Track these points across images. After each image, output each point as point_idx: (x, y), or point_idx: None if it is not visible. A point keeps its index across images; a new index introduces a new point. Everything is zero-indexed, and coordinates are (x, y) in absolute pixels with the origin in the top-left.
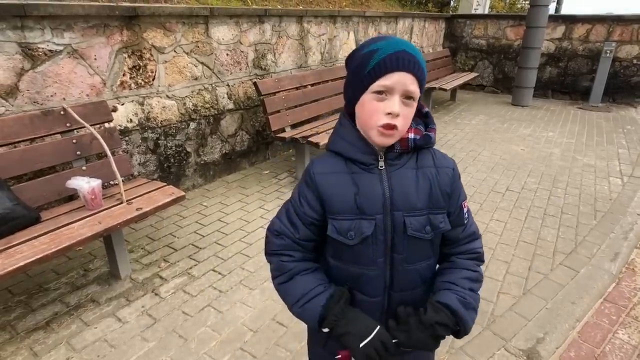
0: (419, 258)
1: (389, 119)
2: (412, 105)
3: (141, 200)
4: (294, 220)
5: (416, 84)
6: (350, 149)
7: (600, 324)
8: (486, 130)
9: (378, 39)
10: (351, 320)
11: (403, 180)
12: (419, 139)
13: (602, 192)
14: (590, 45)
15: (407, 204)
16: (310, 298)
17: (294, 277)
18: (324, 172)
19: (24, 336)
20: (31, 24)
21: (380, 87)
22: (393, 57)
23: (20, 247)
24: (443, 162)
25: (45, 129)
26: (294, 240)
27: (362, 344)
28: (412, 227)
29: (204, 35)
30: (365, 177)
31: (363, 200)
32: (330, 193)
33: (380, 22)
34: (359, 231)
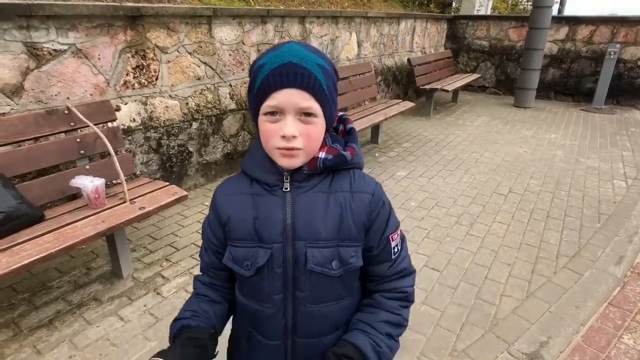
0: (325, 298)
1: (285, 142)
2: (315, 122)
3: (144, 199)
4: (206, 247)
5: (311, 99)
6: (255, 168)
7: (605, 329)
8: (488, 131)
9: (270, 50)
10: (172, 348)
11: (309, 206)
12: (330, 159)
13: (606, 194)
14: (594, 46)
15: (311, 233)
16: (177, 318)
17: (190, 297)
18: (226, 193)
19: (27, 334)
20: (36, 23)
21: (269, 108)
22: (276, 72)
23: (25, 245)
24: (361, 187)
25: (49, 127)
26: (205, 264)
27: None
28: (314, 261)
29: (207, 36)
30: (266, 200)
31: (261, 225)
32: (228, 216)
33: (382, 23)
34: (254, 260)
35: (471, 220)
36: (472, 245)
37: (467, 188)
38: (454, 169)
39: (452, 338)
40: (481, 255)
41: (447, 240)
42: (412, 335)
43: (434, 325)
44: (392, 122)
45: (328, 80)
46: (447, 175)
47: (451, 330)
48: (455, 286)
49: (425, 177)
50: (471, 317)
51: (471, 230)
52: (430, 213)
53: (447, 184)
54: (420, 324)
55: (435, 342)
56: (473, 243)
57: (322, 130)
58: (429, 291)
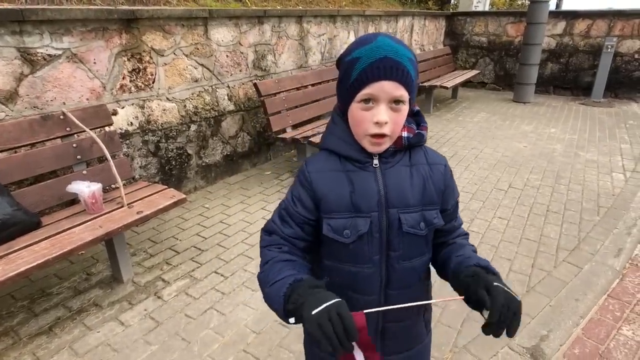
0: (414, 255)
1: (377, 129)
2: (402, 109)
3: (142, 203)
4: (285, 219)
5: (402, 88)
6: (345, 146)
7: (605, 321)
8: (488, 127)
9: (362, 43)
10: (316, 294)
11: (397, 178)
12: (412, 137)
13: (605, 187)
14: (591, 40)
15: (402, 201)
16: (281, 277)
17: (275, 263)
18: (319, 170)
19: (26, 341)
20: (30, 28)
21: (364, 96)
22: (374, 66)
23: (21, 252)
24: (435, 159)
25: (45, 133)
26: (282, 237)
27: (315, 311)
28: (408, 224)
29: (203, 37)
30: (360, 175)
31: (358, 198)
32: (326, 192)
33: (381, 21)
34: (354, 229)
35: (471, 216)
36: (472, 240)
37: (467, 184)
38: (454, 165)
39: (453, 334)
40: (481, 251)
41: None
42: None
43: (434, 321)
44: None
45: (415, 72)
46: None
47: (452, 327)
48: None
49: None
50: (472, 313)
51: (471, 225)
52: None
53: None
54: None
55: (437, 338)
56: (473, 239)
57: (405, 116)
58: None
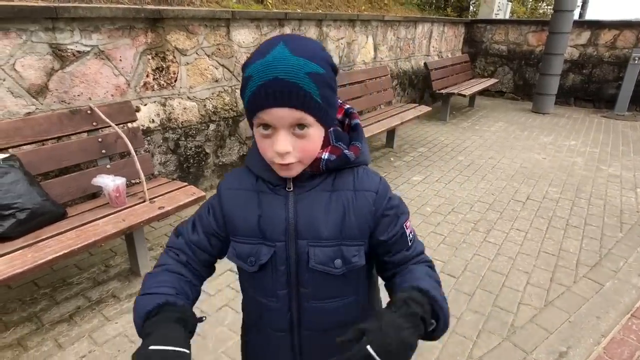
0: (328, 295)
1: (280, 159)
2: (309, 134)
3: (163, 199)
4: (195, 225)
5: (302, 112)
6: (259, 166)
7: (628, 341)
8: (506, 137)
9: (258, 55)
10: (161, 328)
11: (312, 205)
12: (333, 160)
13: (628, 203)
14: (617, 51)
15: (313, 232)
16: (151, 292)
17: (162, 272)
18: (232, 187)
19: (49, 328)
20: (62, 25)
21: (260, 121)
22: (262, 92)
23: (49, 241)
24: (364, 185)
25: (72, 127)
26: (187, 241)
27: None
28: (316, 259)
29: (225, 38)
30: (270, 199)
31: (265, 224)
32: (233, 212)
33: (399, 27)
34: (257, 257)
35: (488, 226)
36: (489, 252)
37: (484, 194)
38: (470, 175)
39: (469, 345)
40: (498, 263)
41: (463, 246)
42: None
43: (450, 331)
44: (407, 127)
45: (322, 88)
46: (464, 181)
47: (467, 338)
48: (472, 293)
49: (441, 182)
50: (488, 324)
51: (488, 236)
52: (446, 219)
53: (463, 189)
54: None
55: (452, 349)
56: (490, 250)
57: (319, 139)
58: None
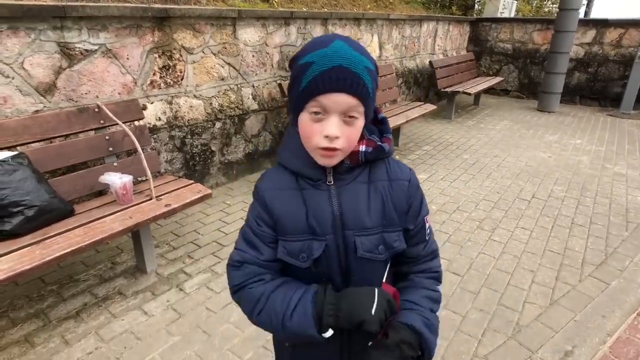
0: (373, 280)
1: (328, 142)
2: (356, 123)
3: (169, 197)
4: (254, 243)
5: (357, 101)
6: (297, 162)
7: (634, 340)
8: (511, 135)
9: (316, 45)
10: (348, 297)
11: (353, 197)
12: (370, 152)
13: (634, 202)
14: (622, 50)
15: (358, 223)
16: (295, 303)
17: (270, 297)
18: (273, 188)
19: (56, 324)
20: (70, 24)
21: (314, 106)
22: (326, 76)
23: (56, 238)
24: (397, 174)
25: (80, 125)
26: (259, 264)
27: (374, 310)
28: (363, 248)
29: (231, 37)
30: (314, 194)
31: (313, 220)
32: (280, 212)
33: (404, 25)
34: (310, 253)
35: (493, 225)
36: (494, 250)
37: (489, 193)
38: (475, 173)
39: (474, 343)
40: (503, 261)
41: (468, 244)
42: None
43: (455, 330)
44: (412, 125)
45: (373, 83)
46: (469, 179)
47: (472, 336)
48: (477, 291)
49: (447, 180)
50: (493, 323)
51: (493, 235)
52: (451, 217)
53: (468, 188)
54: (441, 328)
55: (457, 347)
56: (495, 248)
57: (361, 129)
58: (449, 296)
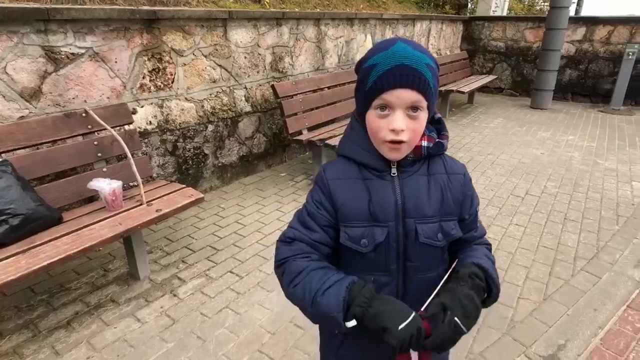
0: (431, 266)
1: (394, 136)
2: (420, 116)
3: (161, 201)
4: (308, 224)
5: (419, 95)
6: (363, 154)
7: (624, 332)
8: (504, 133)
9: (380, 49)
10: (385, 301)
11: (415, 188)
12: (432, 147)
13: (624, 196)
14: (612, 47)
15: (419, 212)
16: (331, 283)
17: (311, 273)
18: (338, 177)
19: (46, 335)
20: (54, 27)
21: (380, 103)
22: (390, 74)
23: (44, 247)
24: (454, 168)
25: (67, 130)
26: (309, 243)
27: (402, 326)
28: (424, 235)
29: (222, 38)
30: (378, 184)
31: (376, 207)
32: (344, 200)
33: (398, 25)
34: (372, 238)
35: (487, 222)
36: None
37: (484, 190)
38: (470, 171)
39: (469, 340)
40: (497, 258)
41: None
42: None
43: None
44: None
45: (434, 79)
46: None
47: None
48: None
49: None
50: (488, 319)
51: (487, 232)
52: None
53: None
54: None
55: None
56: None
57: (425, 123)
58: None
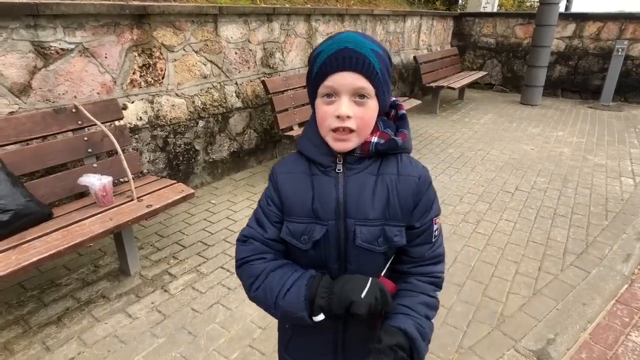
0: (370, 271)
1: (339, 122)
2: (368, 104)
3: (151, 197)
4: (261, 221)
5: (364, 80)
6: (312, 149)
7: (613, 326)
8: (495, 129)
9: (329, 38)
10: (340, 281)
11: (359, 187)
12: (382, 144)
13: (613, 192)
14: (601, 43)
15: (360, 212)
16: (291, 284)
17: (269, 276)
18: (287, 171)
19: (36, 330)
20: (44, 22)
21: (325, 89)
22: (333, 57)
23: (34, 242)
24: (408, 170)
25: (57, 126)
26: (263, 241)
27: (364, 294)
28: (362, 237)
29: (213, 34)
30: (322, 180)
31: (318, 204)
32: (289, 194)
33: (389, 21)
34: (311, 235)
35: (477, 217)
36: (479, 242)
37: (474, 186)
38: (460, 167)
39: (459, 335)
40: (487, 253)
41: (453, 237)
42: None
43: (440, 322)
44: None
45: (382, 65)
46: (454, 173)
47: (458, 328)
48: (462, 284)
49: (432, 174)
50: (478, 314)
51: (477, 227)
52: None
53: (453, 181)
54: None
55: (442, 339)
56: (479, 241)
57: (375, 113)
58: None
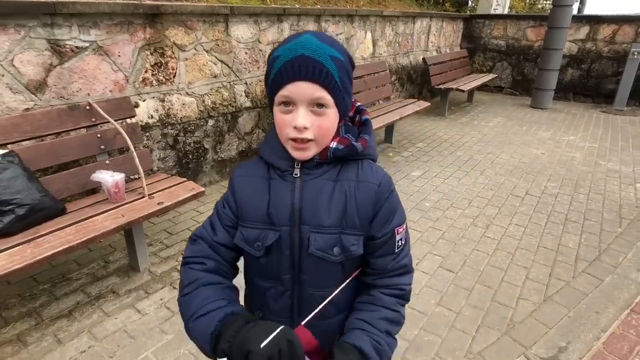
0: (326, 283)
1: (297, 133)
2: (326, 113)
3: (162, 194)
4: (214, 223)
5: (322, 90)
6: (270, 153)
7: (627, 336)
8: (504, 132)
9: (285, 41)
10: (252, 326)
11: (316, 193)
12: (340, 150)
13: (627, 198)
14: (616, 46)
15: (315, 219)
16: (207, 311)
17: (199, 288)
18: (244, 175)
19: (48, 323)
20: (60, 21)
21: (282, 98)
22: (289, 65)
23: (48, 237)
24: (367, 177)
25: (71, 123)
26: (210, 244)
27: (265, 343)
28: (316, 245)
29: (223, 34)
30: (279, 185)
31: (273, 209)
32: (244, 198)
33: (398, 22)
34: (264, 242)
35: (487, 222)
36: (488, 247)
37: (483, 189)
38: (469, 170)
39: (468, 340)
40: (497, 258)
41: (462, 241)
42: (427, 336)
43: (449, 326)
44: (406, 122)
45: (341, 72)
46: (463, 176)
47: (466, 332)
48: (471, 288)
49: (440, 177)
50: (487, 319)
51: (487, 232)
52: (445, 214)
53: (462, 185)
54: (435, 325)
55: (451, 343)
56: (489, 245)
57: (335, 121)
58: (443, 292)
